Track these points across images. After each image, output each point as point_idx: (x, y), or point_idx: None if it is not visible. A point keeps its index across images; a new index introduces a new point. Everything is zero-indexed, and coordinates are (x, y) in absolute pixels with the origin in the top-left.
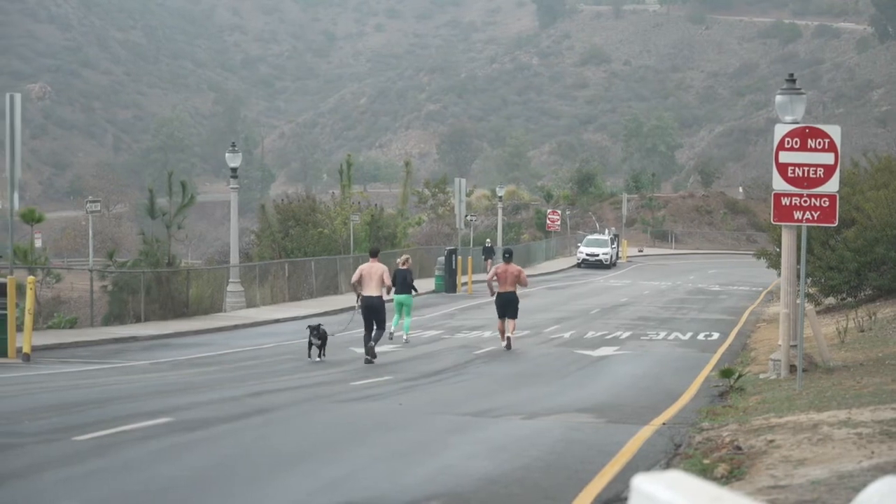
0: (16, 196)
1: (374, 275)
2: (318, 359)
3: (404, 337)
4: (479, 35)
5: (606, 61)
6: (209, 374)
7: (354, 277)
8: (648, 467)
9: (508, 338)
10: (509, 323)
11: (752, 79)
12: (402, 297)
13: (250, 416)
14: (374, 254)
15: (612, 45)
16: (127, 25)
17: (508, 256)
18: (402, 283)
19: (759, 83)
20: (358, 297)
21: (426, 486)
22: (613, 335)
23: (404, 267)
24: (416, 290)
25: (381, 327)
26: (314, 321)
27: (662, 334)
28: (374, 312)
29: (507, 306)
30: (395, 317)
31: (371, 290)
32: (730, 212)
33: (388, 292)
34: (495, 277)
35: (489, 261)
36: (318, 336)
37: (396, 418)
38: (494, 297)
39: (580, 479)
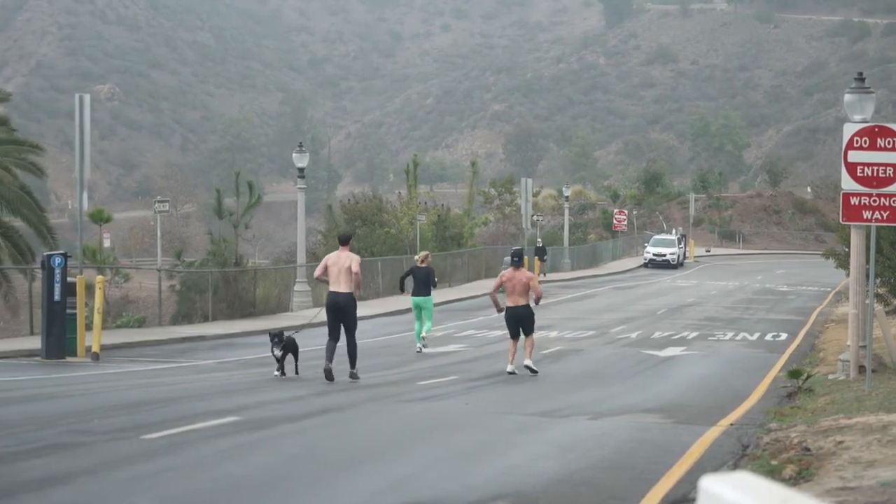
0: (85, 196)
1: (341, 266)
2: (295, 374)
3: (419, 345)
4: (545, 35)
5: (673, 60)
6: (274, 373)
7: (318, 270)
8: (716, 468)
9: (528, 366)
10: (526, 342)
11: (821, 77)
12: (419, 298)
13: (315, 415)
14: (343, 241)
15: (679, 44)
16: (195, 26)
17: (518, 260)
18: (422, 283)
19: (828, 82)
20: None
21: (492, 486)
22: (680, 335)
23: (423, 265)
24: (434, 285)
25: (351, 335)
26: (276, 328)
27: (730, 335)
28: (340, 314)
29: (520, 323)
30: (416, 324)
31: (337, 286)
32: (798, 211)
33: (358, 288)
34: (501, 288)
35: (542, 262)
36: (283, 346)
37: (462, 418)
38: (503, 314)
39: (647, 479)
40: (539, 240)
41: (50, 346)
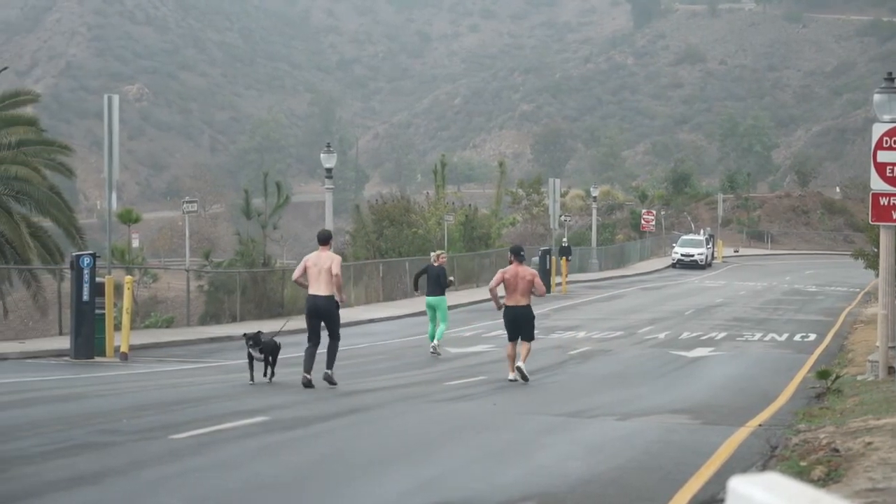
0: (114, 196)
1: (321, 267)
2: (265, 379)
3: (434, 344)
4: (573, 35)
5: (702, 61)
6: (302, 373)
7: (297, 272)
8: (744, 469)
9: (519, 368)
10: (522, 347)
11: (850, 77)
12: (433, 298)
13: (344, 415)
14: (323, 240)
15: (707, 44)
16: (223, 27)
17: (521, 256)
18: (435, 282)
19: (857, 82)
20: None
21: (520, 487)
22: (709, 336)
23: (437, 263)
24: (452, 281)
25: (334, 338)
26: (252, 328)
27: (758, 335)
28: (320, 317)
29: (519, 324)
30: (430, 326)
31: (317, 288)
32: (827, 212)
33: (340, 292)
34: (502, 285)
35: (567, 261)
36: (260, 347)
37: (490, 418)
38: (502, 312)
39: (676, 480)
40: (564, 240)
41: (79, 346)
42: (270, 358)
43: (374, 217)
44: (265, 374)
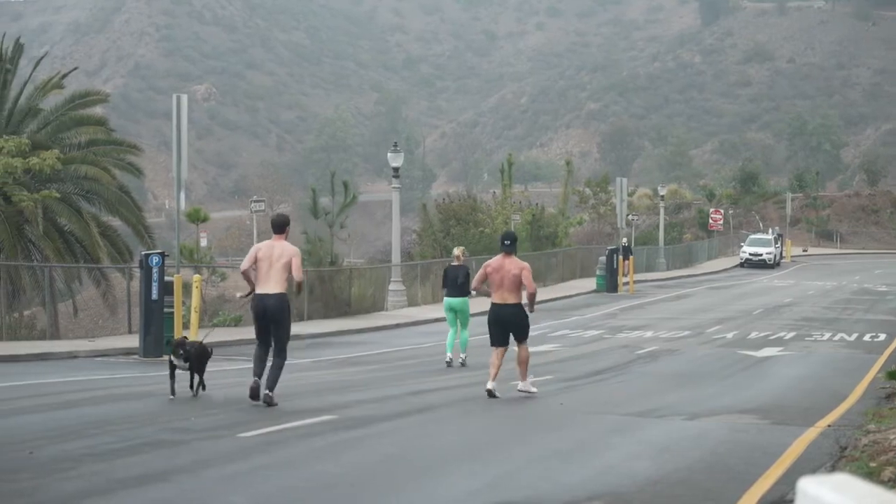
0: (182, 196)
1: (273, 260)
2: (193, 393)
3: (461, 357)
4: (640, 33)
5: (770, 59)
6: (370, 372)
7: (245, 263)
8: (813, 470)
9: (520, 390)
10: (519, 355)
11: None
12: (455, 300)
13: (410, 414)
14: (278, 227)
15: (775, 42)
16: (290, 27)
17: (509, 244)
18: (454, 283)
19: None
20: (250, 292)
21: (587, 487)
22: (777, 336)
23: (457, 263)
24: (468, 292)
25: (279, 354)
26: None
27: (827, 335)
28: (269, 320)
29: (506, 327)
30: (451, 332)
31: (266, 285)
32: None
33: (299, 291)
34: (485, 280)
35: (626, 261)
36: (184, 353)
37: (557, 418)
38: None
39: (744, 480)
40: (624, 239)
41: (148, 345)
42: (197, 368)
43: (440, 216)
44: (191, 387)
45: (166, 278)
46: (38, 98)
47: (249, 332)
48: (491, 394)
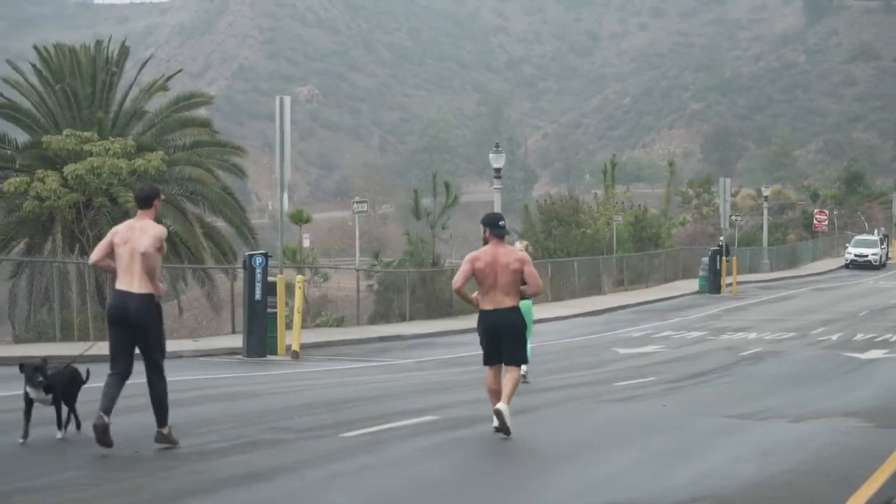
0: (285, 197)
1: (134, 246)
2: (64, 431)
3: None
4: (744, 33)
5: (876, 58)
6: (471, 372)
7: (98, 252)
8: None
9: (499, 412)
10: (508, 376)
11: None
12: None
13: (513, 415)
14: (142, 201)
15: (882, 40)
16: (392, 28)
17: (503, 225)
18: None
19: None
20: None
21: (690, 489)
22: (883, 338)
23: None
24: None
25: (153, 369)
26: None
27: None
28: (129, 329)
29: (501, 337)
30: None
31: (128, 280)
32: None
33: (154, 282)
34: (472, 277)
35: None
36: (46, 385)
37: (660, 420)
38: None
39: (849, 484)
40: (721, 239)
41: (251, 345)
42: (65, 398)
43: (542, 217)
44: (60, 426)
45: (269, 279)
46: (144, 100)
47: (351, 333)
48: (504, 430)
